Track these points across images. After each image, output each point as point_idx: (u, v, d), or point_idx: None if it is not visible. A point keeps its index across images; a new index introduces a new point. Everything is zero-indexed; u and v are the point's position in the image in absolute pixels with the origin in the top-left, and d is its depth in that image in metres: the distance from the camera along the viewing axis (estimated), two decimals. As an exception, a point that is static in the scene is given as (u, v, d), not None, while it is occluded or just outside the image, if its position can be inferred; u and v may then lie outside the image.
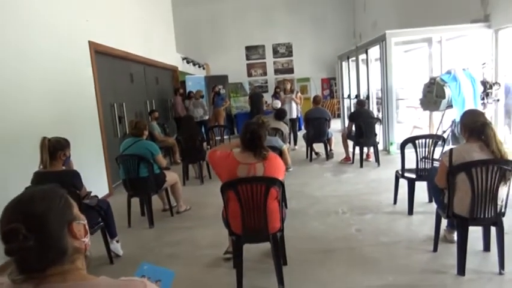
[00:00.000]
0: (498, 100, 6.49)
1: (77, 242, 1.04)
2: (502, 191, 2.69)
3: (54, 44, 4.69)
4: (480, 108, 5.93)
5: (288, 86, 8.82)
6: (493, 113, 6.61)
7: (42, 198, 1.01)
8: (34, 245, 0.95)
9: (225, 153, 2.78)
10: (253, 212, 2.64)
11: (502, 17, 6.29)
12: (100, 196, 4.56)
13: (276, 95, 9.75)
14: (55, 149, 3.05)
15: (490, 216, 2.72)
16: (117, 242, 3.60)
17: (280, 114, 6.45)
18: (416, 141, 4.11)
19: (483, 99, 6.06)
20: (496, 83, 6.32)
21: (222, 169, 2.72)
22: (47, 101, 4.44)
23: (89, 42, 5.56)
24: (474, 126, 2.70)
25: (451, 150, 2.76)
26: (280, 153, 4.14)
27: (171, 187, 4.69)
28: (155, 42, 9.04)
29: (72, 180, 3.05)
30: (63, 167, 3.15)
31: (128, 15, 7.43)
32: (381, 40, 7.28)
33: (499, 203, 2.70)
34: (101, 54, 5.96)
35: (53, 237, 0.99)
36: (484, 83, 6.07)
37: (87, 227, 1.09)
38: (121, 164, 4.28)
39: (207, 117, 9.69)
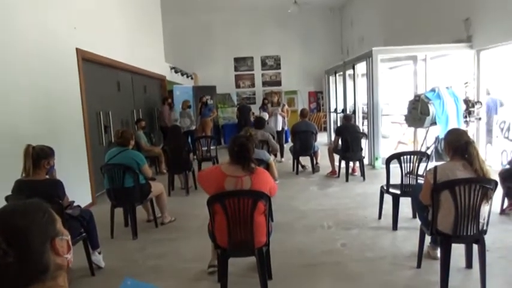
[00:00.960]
0: (480, 118, 6.66)
1: (60, 258, 1.01)
2: (484, 209, 2.74)
3: (41, 50, 4.64)
4: (463, 126, 6.06)
5: (276, 99, 8.89)
6: (475, 131, 6.76)
7: (24, 212, 0.98)
8: (14, 262, 0.92)
9: (212, 167, 2.78)
10: (240, 225, 2.62)
11: (484, 39, 6.49)
12: (83, 205, 4.50)
13: (264, 107, 9.80)
14: (39, 157, 2.99)
15: (472, 233, 2.75)
16: (99, 253, 3.53)
17: (258, 123, 6.42)
18: (401, 157, 4.16)
19: (466, 117, 6.20)
20: (478, 101, 6.49)
21: (210, 182, 2.71)
22: (31, 107, 4.36)
23: (77, 49, 5.51)
24: (458, 144, 2.75)
25: (435, 167, 2.80)
26: (267, 166, 4.14)
27: (156, 198, 4.63)
28: (143, 50, 9.01)
29: (55, 190, 2.98)
30: (47, 176, 3.09)
31: (117, 23, 7.41)
32: (368, 56, 7.41)
33: (481, 220, 2.75)
34: (88, 62, 5.91)
35: (35, 254, 0.96)
36: (466, 102, 6.21)
37: (70, 242, 1.06)
38: (106, 174, 4.21)
39: (193, 128, 9.65)
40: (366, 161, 7.02)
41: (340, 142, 6.69)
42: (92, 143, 5.92)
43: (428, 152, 6.32)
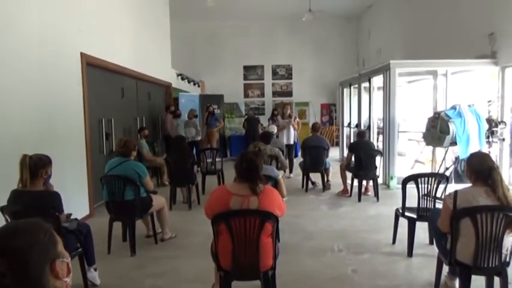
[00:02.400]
0: (503, 139, 6.60)
1: (59, 282, 1.02)
2: (507, 240, 2.70)
3: (44, 54, 4.72)
4: (485, 147, 6.01)
5: (288, 111, 8.91)
6: (498, 152, 6.70)
7: (25, 233, 0.99)
8: (10, 284, 0.93)
9: (217, 188, 2.79)
10: (245, 247, 2.61)
11: (509, 54, 6.47)
12: (80, 217, 4.54)
13: (273, 118, 9.85)
14: (36, 167, 3.01)
15: (494, 265, 2.71)
16: (95, 270, 3.53)
17: (265, 138, 6.34)
18: (419, 179, 4.13)
19: (488, 137, 6.15)
20: (502, 121, 6.44)
21: (215, 202, 2.71)
22: (31, 114, 4.42)
23: (81, 53, 5.60)
24: (481, 169, 2.73)
25: (455, 192, 2.78)
26: (276, 182, 4.15)
27: (157, 212, 4.63)
28: (150, 56, 9.13)
29: (52, 202, 3.01)
30: (44, 187, 3.12)
31: (123, 27, 7.53)
32: (385, 70, 7.42)
33: (503, 251, 2.71)
34: (92, 67, 6.00)
35: (33, 276, 0.97)
36: (489, 121, 6.18)
37: (70, 265, 1.07)
38: (105, 185, 4.23)
39: (199, 138, 9.69)
40: (380, 180, 6.97)
41: (353, 159, 6.67)
42: (92, 151, 5.97)
43: (447, 173, 6.28)
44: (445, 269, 3.26)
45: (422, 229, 4.41)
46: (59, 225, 2.91)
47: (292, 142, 8.80)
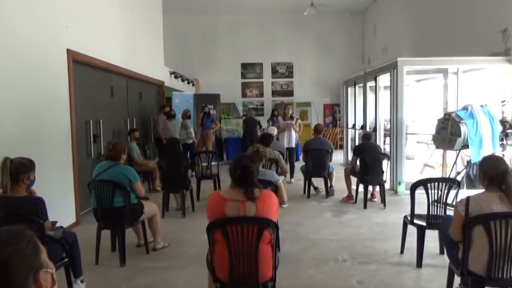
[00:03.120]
0: (519, 142, 6.61)
1: (42, 293, 1.01)
2: (524, 249, 2.70)
3: (27, 51, 4.71)
4: (499, 150, 6.02)
5: (290, 112, 8.91)
6: (512, 155, 6.71)
7: (6, 241, 0.99)
8: None
9: (212, 193, 2.82)
10: (243, 257, 2.60)
11: (524, 52, 6.49)
12: (65, 225, 4.53)
13: (273, 119, 9.82)
14: (18, 171, 3.01)
15: (509, 276, 2.71)
16: (82, 282, 3.52)
17: (265, 140, 6.27)
18: (429, 184, 4.13)
19: (502, 139, 6.17)
20: (517, 122, 6.46)
21: (209, 209, 2.71)
22: (12, 114, 4.41)
23: (67, 50, 5.60)
24: (495, 174, 2.73)
25: (468, 198, 2.78)
26: (276, 188, 4.14)
27: (148, 220, 4.63)
28: (141, 53, 9.14)
29: (35, 208, 3.00)
30: (26, 193, 3.11)
31: (113, 23, 7.54)
32: (392, 68, 7.44)
33: (519, 261, 2.70)
34: (79, 64, 6.00)
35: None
36: (503, 122, 6.19)
37: (55, 276, 1.07)
38: (93, 191, 4.23)
39: (190, 141, 9.67)
40: (387, 186, 6.98)
41: (358, 163, 6.67)
42: (79, 154, 5.97)
43: (459, 177, 6.29)
44: (457, 280, 3.25)
45: (432, 238, 4.41)
46: (43, 233, 2.90)
47: (293, 145, 8.79)
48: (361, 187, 6.70)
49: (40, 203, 3.07)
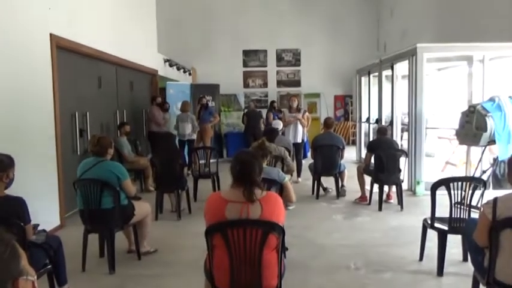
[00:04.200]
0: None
1: (22, 303, 1.01)
2: (557, 255, 2.68)
3: (5, 35, 4.69)
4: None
5: (295, 104, 8.87)
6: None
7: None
8: None
9: (211, 194, 2.83)
10: (245, 264, 2.60)
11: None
12: (49, 228, 4.53)
13: (272, 111, 9.80)
14: (-4, 169, 3.01)
15: (541, 286, 2.70)
16: (67, 291, 3.53)
17: (270, 135, 6.27)
18: (451, 184, 4.12)
19: (533, 134, 6.13)
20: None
21: (208, 213, 2.72)
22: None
23: (51, 35, 5.59)
24: (525, 172, 2.72)
25: (495, 200, 2.76)
26: (281, 187, 4.13)
27: (138, 221, 4.62)
28: (132, 39, 9.13)
29: (16, 210, 3.00)
30: (5, 192, 3.11)
31: (101, 5, 7.52)
32: (411, 55, 7.41)
33: (552, 269, 2.69)
34: (63, 51, 6.00)
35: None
36: (535, 115, 6.15)
37: (36, 284, 1.06)
38: (79, 191, 4.23)
39: (195, 137, 9.69)
40: (404, 186, 6.96)
41: (372, 160, 6.66)
42: (64, 151, 5.98)
43: (484, 177, 6.26)
44: (482, 290, 3.26)
45: (454, 243, 4.40)
46: (24, 237, 2.91)
47: (299, 140, 8.75)
48: (375, 187, 6.69)
49: (21, 204, 3.07)
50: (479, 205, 5.04)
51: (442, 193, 4.11)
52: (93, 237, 4.47)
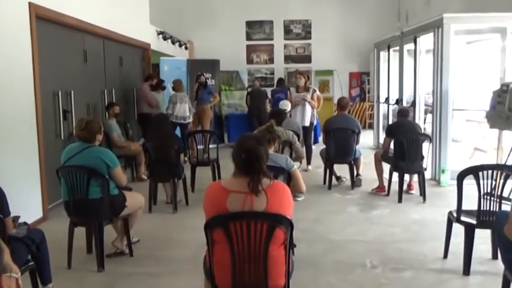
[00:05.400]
0: None
1: (5, 302, 1.03)
2: None
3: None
4: None
5: (302, 82, 8.80)
6: None
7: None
8: None
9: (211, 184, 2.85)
10: (249, 261, 2.62)
11: None
12: (30, 221, 4.57)
13: (281, 89, 9.57)
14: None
15: None
16: (51, 290, 3.57)
17: (277, 117, 6.11)
18: (480, 172, 4.11)
19: None
20: None
21: (207, 204, 2.74)
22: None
23: (29, 4, 5.57)
24: None
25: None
26: (289, 176, 4.15)
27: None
28: (122, 8, 9.07)
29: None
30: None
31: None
32: (436, 26, 7.35)
33: None
34: (44, 22, 5.99)
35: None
36: None
37: (20, 281, 1.08)
38: (63, 179, 4.26)
39: (191, 120, 9.65)
40: (427, 175, 6.97)
41: (392, 146, 6.65)
42: (46, 134, 6.00)
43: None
44: (514, 291, 3.28)
45: (483, 239, 4.39)
46: (3, 231, 2.93)
47: (307, 123, 8.67)
48: (395, 176, 6.69)
49: (1, 194, 3.09)
50: (511, 196, 5.08)
51: (469, 183, 4.10)
52: (80, 231, 4.50)
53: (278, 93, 10.87)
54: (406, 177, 6.81)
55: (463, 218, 4.19)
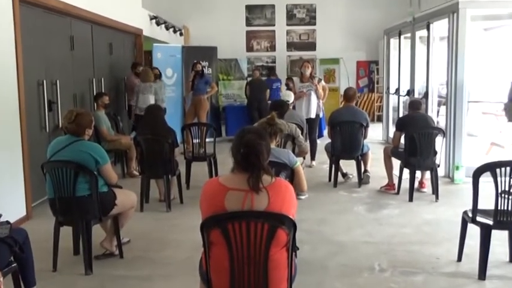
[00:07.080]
0: None
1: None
2: None
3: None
4: None
5: (308, 72, 8.78)
6: None
7: None
8: None
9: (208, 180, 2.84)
10: (249, 265, 2.61)
11: None
12: (13, 220, 4.55)
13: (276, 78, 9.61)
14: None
15: None
16: (36, 294, 3.58)
17: (279, 108, 6.10)
18: (498, 169, 4.10)
19: None
20: None
21: (204, 202, 2.73)
22: None
23: (12, -14, 5.57)
24: None
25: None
26: (292, 173, 4.14)
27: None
28: (111, -9, 9.06)
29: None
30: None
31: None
32: (451, 11, 7.34)
33: None
34: (28, 6, 5.98)
35: None
36: None
37: (2, 285, 1.07)
38: (49, 175, 4.25)
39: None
40: (440, 172, 6.97)
41: (402, 141, 6.64)
42: (30, 127, 5.99)
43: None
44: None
45: (500, 241, 4.41)
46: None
47: (313, 115, 8.69)
48: (405, 173, 6.68)
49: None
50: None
51: (486, 180, 4.10)
52: (66, 231, 4.50)
53: (274, 82, 10.87)
54: (418, 174, 6.81)
55: (478, 218, 4.18)
